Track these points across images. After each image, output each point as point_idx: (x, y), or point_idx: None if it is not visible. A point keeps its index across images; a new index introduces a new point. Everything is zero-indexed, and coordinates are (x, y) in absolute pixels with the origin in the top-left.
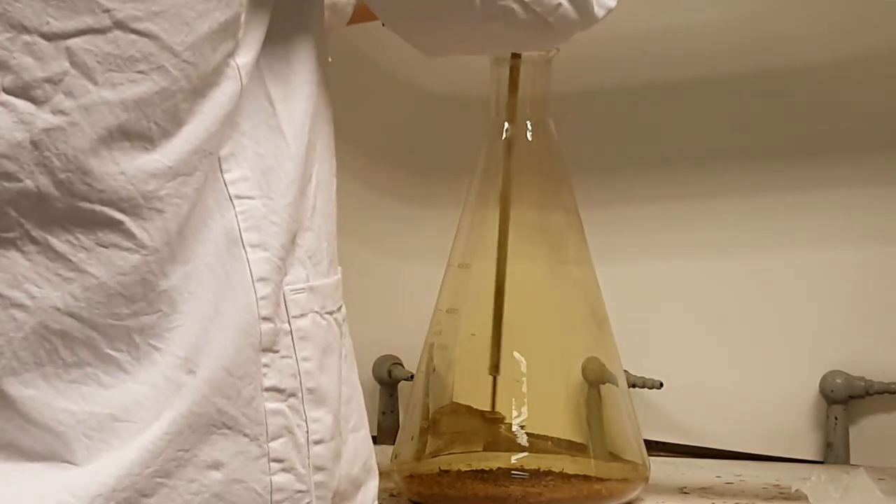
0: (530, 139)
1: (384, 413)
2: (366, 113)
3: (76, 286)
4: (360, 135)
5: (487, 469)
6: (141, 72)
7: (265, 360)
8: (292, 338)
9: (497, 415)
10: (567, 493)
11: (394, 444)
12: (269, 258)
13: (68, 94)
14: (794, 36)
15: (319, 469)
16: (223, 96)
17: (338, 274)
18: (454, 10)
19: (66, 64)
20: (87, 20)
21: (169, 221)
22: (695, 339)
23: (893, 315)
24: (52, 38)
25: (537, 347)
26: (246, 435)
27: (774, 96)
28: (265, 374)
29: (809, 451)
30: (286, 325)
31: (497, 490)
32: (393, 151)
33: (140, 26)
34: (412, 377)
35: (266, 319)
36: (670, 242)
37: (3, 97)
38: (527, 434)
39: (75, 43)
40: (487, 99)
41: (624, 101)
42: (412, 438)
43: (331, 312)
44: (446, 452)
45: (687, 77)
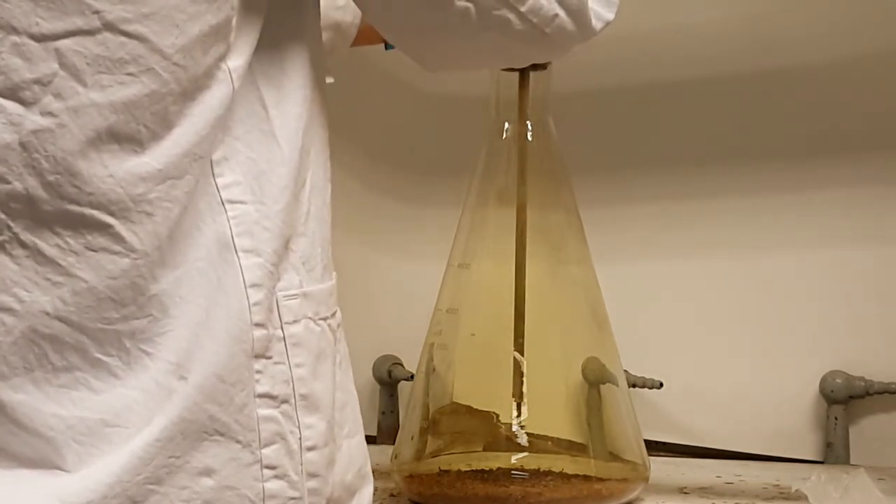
0: (530, 139)
1: (384, 413)
2: (366, 113)
3: (65, 290)
4: (360, 135)
5: (487, 469)
6: (130, 74)
7: (258, 367)
8: (285, 344)
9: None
10: (567, 493)
11: (394, 444)
12: (262, 264)
13: (57, 96)
14: (794, 36)
15: (313, 476)
16: (214, 100)
17: (332, 279)
18: (451, 23)
19: (56, 65)
20: (77, 21)
21: (159, 225)
22: (695, 339)
23: (893, 315)
24: (42, 40)
25: (537, 347)
26: (238, 441)
27: (774, 96)
28: (258, 381)
29: (809, 451)
30: (279, 332)
31: (497, 490)
32: (393, 151)
33: (129, 28)
34: (412, 377)
35: (259, 325)
36: (670, 242)
37: None
38: (527, 434)
39: (64, 44)
40: (487, 99)
41: (624, 101)
42: (412, 438)
43: (325, 318)
44: (446, 452)
45: (687, 77)
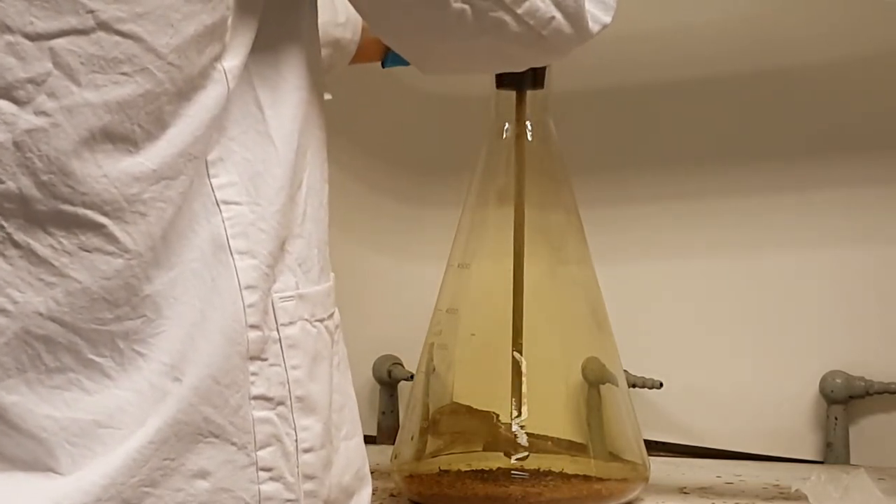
0: (530, 139)
1: (384, 413)
2: (366, 113)
3: (59, 291)
4: (361, 135)
5: (487, 469)
6: (125, 73)
7: (253, 369)
8: (281, 346)
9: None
10: (567, 493)
11: (394, 444)
12: (257, 265)
13: (51, 96)
14: (794, 36)
15: (309, 478)
16: (209, 100)
17: (329, 281)
18: (448, 25)
19: (50, 65)
20: (71, 21)
21: (153, 225)
22: (695, 339)
23: (893, 315)
24: (36, 39)
25: (537, 347)
26: (233, 443)
27: (774, 96)
28: (253, 383)
29: (809, 451)
30: (275, 333)
31: (497, 490)
32: (393, 151)
33: (124, 28)
34: (412, 377)
35: (253, 327)
36: (670, 242)
37: None
38: (527, 434)
39: (59, 44)
40: (487, 99)
41: (624, 101)
42: (412, 438)
43: (321, 320)
44: (446, 452)
45: (687, 77)
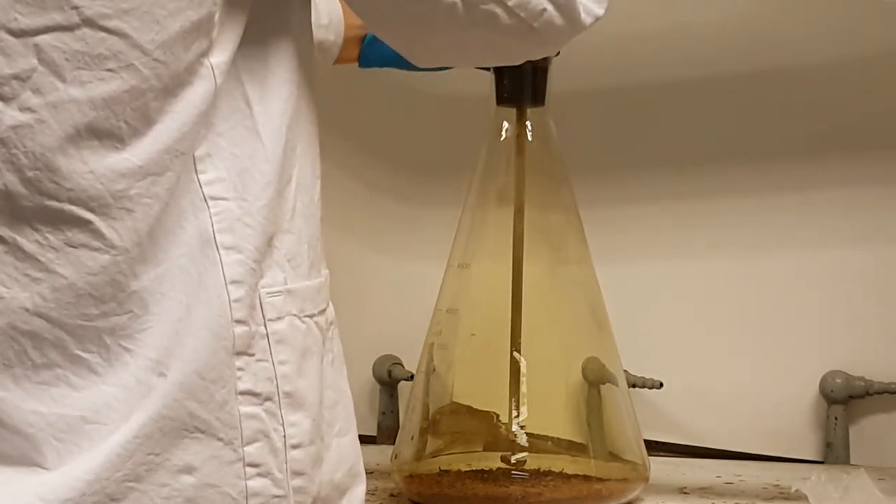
0: (530, 139)
1: (384, 413)
2: (366, 113)
3: (45, 286)
4: (361, 135)
5: (487, 469)
6: (110, 70)
7: (239, 364)
8: (268, 341)
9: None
10: (567, 494)
11: (394, 444)
12: (243, 260)
13: (36, 92)
14: (793, 36)
15: (298, 474)
16: (196, 96)
17: (321, 277)
18: (439, 17)
19: (34, 61)
20: (56, 17)
21: (139, 221)
22: (695, 339)
23: (893, 315)
24: (21, 35)
25: (537, 347)
26: (220, 439)
27: (774, 96)
28: (239, 378)
29: (809, 451)
30: (262, 328)
31: (497, 490)
32: (393, 151)
33: (109, 24)
34: (412, 377)
35: (240, 322)
36: (670, 242)
37: None
38: (527, 434)
39: (43, 40)
40: (487, 99)
41: (624, 101)
42: (412, 438)
43: (311, 315)
44: (446, 452)
45: (686, 77)
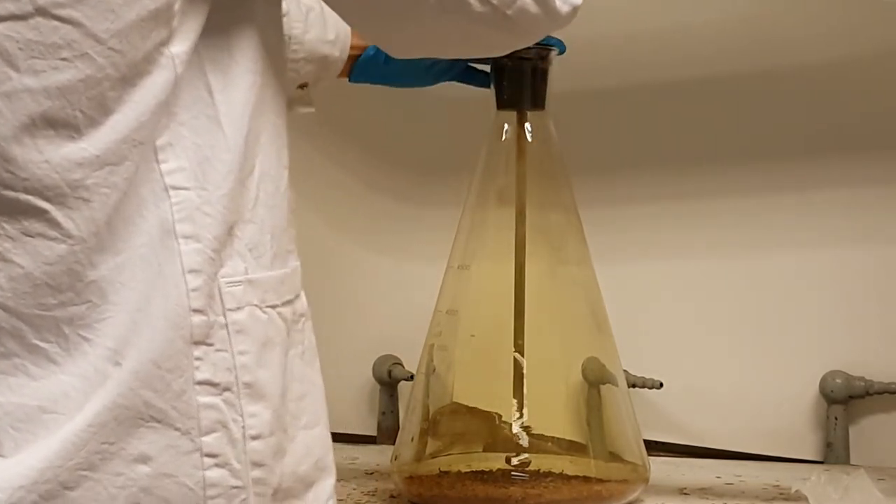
0: (530, 139)
1: (384, 413)
2: (366, 113)
3: (1, 276)
4: (361, 135)
5: (487, 470)
6: (64, 59)
7: (198, 353)
8: (228, 331)
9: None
10: (567, 495)
11: (394, 445)
12: (202, 249)
13: None
14: (793, 36)
15: (257, 465)
16: (155, 86)
17: (286, 268)
18: (409, 6)
19: None
20: (9, 6)
21: (96, 211)
22: (695, 339)
23: (893, 315)
24: None
25: (537, 347)
26: (177, 429)
27: (774, 96)
28: (197, 368)
29: (809, 451)
30: (221, 318)
31: (497, 491)
32: (393, 151)
33: (62, 13)
34: (412, 377)
35: (197, 311)
36: (670, 242)
37: None
38: (527, 434)
39: None
40: (488, 99)
41: (624, 101)
42: (412, 440)
43: (273, 306)
44: (446, 453)
45: (686, 77)
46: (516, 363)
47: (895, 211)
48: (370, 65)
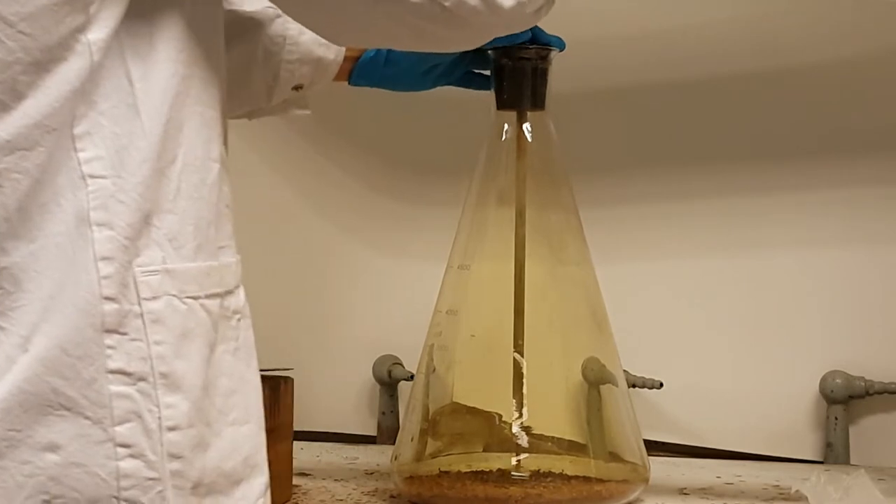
0: (530, 139)
1: (384, 413)
2: (366, 113)
3: None
4: (360, 135)
5: (487, 470)
6: None
7: (110, 342)
8: (143, 320)
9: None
10: (567, 495)
11: (394, 445)
12: (114, 237)
13: None
14: (795, 37)
15: (175, 457)
16: (70, 72)
17: (214, 261)
18: None
19: None
20: None
21: (7, 197)
22: (695, 339)
23: (894, 315)
24: None
25: (537, 347)
26: (87, 417)
27: (775, 96)
28: (110, 356)
29: (809, 452)
30: (136, 307)
31: (497, 491)
32: (393, 151)
33: None
34: (412, 377)
35: (109, 299)
36: (670, 242)
37: None
38: (527, 435)
39: None
40: (487, 99)
41: (624, 101)
42: (412, 439)
43: (196, 297)
44: (446, 453)
45: (687, 77)
46: (516, 363)
47: (895, 211)
48: (370, 67)
